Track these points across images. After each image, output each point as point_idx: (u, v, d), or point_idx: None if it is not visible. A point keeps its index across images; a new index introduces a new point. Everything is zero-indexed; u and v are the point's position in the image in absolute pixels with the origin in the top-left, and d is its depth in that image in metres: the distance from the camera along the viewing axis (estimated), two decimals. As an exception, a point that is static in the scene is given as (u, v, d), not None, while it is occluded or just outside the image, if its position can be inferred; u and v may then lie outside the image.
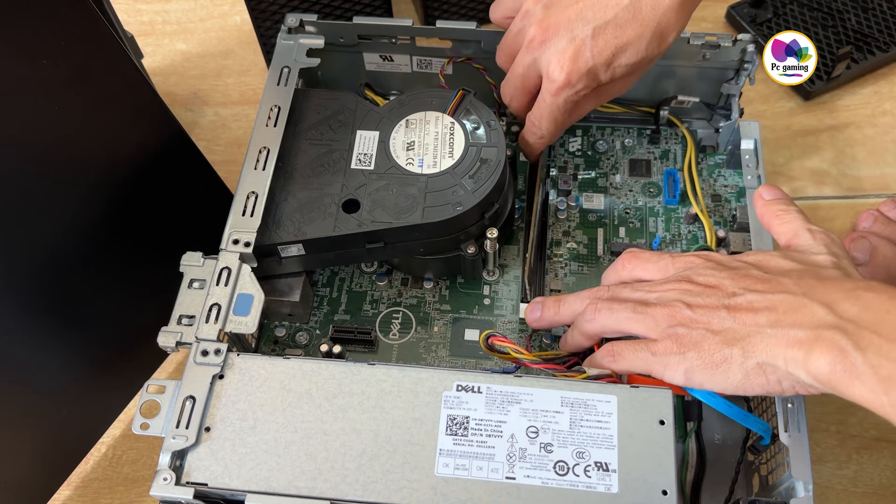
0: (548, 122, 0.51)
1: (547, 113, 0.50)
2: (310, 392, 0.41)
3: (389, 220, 0.48)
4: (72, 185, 0.45)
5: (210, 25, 0.77)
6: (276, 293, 0.50)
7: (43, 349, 0.46)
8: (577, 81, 0.47)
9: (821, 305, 0.36)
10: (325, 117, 0.53)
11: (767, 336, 0.37)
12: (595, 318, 0.43)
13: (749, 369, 0.37)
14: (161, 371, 0.56)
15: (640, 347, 0.41)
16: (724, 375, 0.38)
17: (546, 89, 0.49)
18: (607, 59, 0.47)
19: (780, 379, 0.37)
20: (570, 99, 0.49)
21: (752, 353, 0.37)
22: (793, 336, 0.36)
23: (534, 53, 0.49)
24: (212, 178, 0.56)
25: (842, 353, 0.34)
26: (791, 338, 0.36)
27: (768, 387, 0.37)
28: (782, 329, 0.36)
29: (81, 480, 0.54)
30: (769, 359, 0.36)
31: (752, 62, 0.55)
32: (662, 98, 0.59)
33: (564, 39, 0.47)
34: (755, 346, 0.37)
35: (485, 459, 0.39)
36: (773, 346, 0.36)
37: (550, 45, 0.47)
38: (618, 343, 0.42)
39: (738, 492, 0.45)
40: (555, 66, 0.47)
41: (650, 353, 0.41)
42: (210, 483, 0.39)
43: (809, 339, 0.35)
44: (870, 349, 0.33)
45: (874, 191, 0.65)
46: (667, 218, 0.57)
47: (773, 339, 0.36)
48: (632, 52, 0.47)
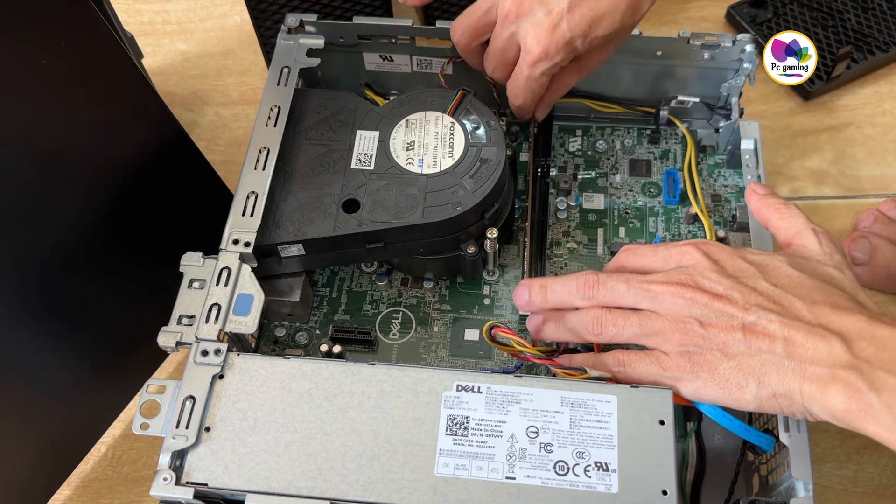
0: (524, 93, 0.52)
1: (523, 84, 0.51)
2: (310, 392, 0.41)
3: (389, 220, 0.48)
4: (72, 185, 0.45)
5: (210, 25, 0.77)
6: (276, 293, 0.50)
7: (43, 349, 0.46)
8: (554, 54, 0.48)
9: (838, 341, 0.36)
10: (325, 117, 0.53)
11: (784, 368, 0.37)
12: (602, 334, 0.42)
13: (763, 398, 0.38)
14: (161, 371, 0.56)
15: (652, 361, 0.41)
16: (737, 398, 0.38)
17: (523, 61, 0.50)
18: (584, 30, 0.47)
19: (793, 409, 0.37)
20: (547, 71, 0.49)
21: (768, 384, 0.37)
22: (810, 372, 0.36)
23: (510, 27, 0.49)
24: (212, 178, 0.56)
25: (857, 393, 0.34)
26: (808, 373, 0.36)
27: (780, 412, 0.38)
28: (799, 363, 0.37)
29: (81, 480, 0.54)
30: (784, 391, 0.37)
31: (752, 62, 0.55)
32: (662, 98, 0.59)
33: (541, 12, 0.47)
34: (770, 376, 0.37)
35: (485, 459, 0.39)
36: (789, 378, 0.37)
37: (527, 19, 0.48)
38: (628, 353, 0.42)
39: (738, 492, 0.45)
40: (532, 39, 0.48)
41: (661, 369, 0.40)
42: (210, 483, 0.39)
43: (826, 377, 0.35)
44: (885, 389, 0.34)
45: (874, 191, 0.65)
46: (667, 218, 0.57)
47: (789, 371, 0.37)
48: (608, 23, 0.47)
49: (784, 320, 0.38)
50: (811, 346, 0.36)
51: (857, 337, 0.36)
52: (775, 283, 0.40)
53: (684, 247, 0.43)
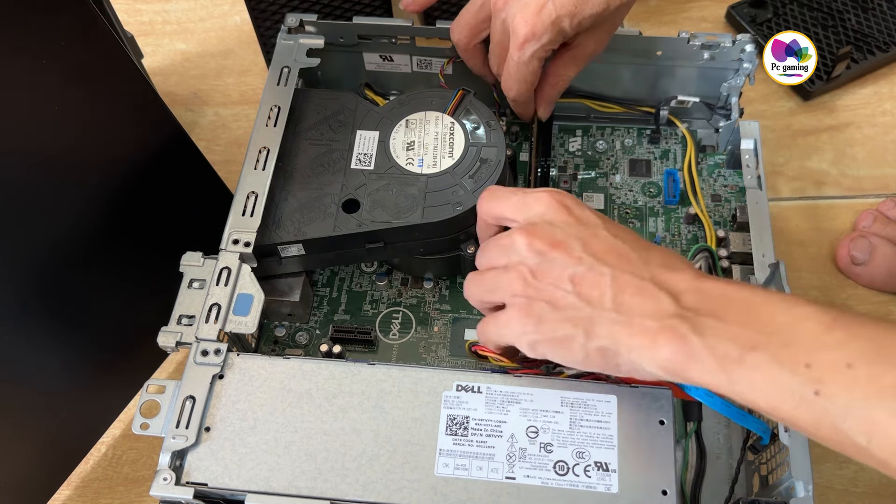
0: (516, 81, 0.51)
1: (514, 71, 0.50)
2: (310, 392, 0.41)
3: (389, 220, 0.48)
4: (71, 185, 0.45)
5: (210, 25, 0.77)
6: (276, 293, 0.50)
7: (43, 349, 0.46)
8: (542, 33, 0.47)
9: (667, 295, 0.36)
10: (325, 117, 0.53)
11: (612, 321, 0.36)
12: (469, 297, 0.43)
13: (590, 350, 0.37)
14: (161, 371, 0.56)
15: (491, 319, 0.41)
16: (567, 351, 0.38)
17: (512, 44, 0.49)
18: (570, 10, 0.47)
19: (618, 363, 0.37)
20: (536, 53, 0.49)
21: (595, 336, 0.36)
22: (638, 325, 0.35)
23: (501, 15, 0.49)
24: (212, 178, 0.56)
25: (682, 339, 0.34)
26: (637, 326, 0.35)
27: (606, 368, 0.37)
28: (628, 317, 0.36)
29: (81, 480, 0.54)
30: (611, 345, 0.36)
31: (752, 62, 0.55)
32: (662, 98, 0.59)
33: None
34: (598, 330, 0.36)
35: (485, 459, 0.39)
36: (616, 332, 0.36)
37: (515, 3, 0.48)
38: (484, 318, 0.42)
39: (738, 492, 0.45)
40: (519, 20, 0.48)
41: (499, 325, 0.40)
42: (210, 483, 0.39)
43: (654, 329, 0.35)
44: (707, 332, 0.33)
45: (874, 191, 0.65)
46: (667, 218, 0.57)
47: (617, 324, 0.36)
48: (594, 2, 0.47)
49: (615, 273, 0.37)
50: (640, 300, 0.36)
51: (685, 290, 0.36)
52: (615, 233, 0.39)
53: (538, 193, 0.42)
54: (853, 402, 0.30)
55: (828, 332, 0.32)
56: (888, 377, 0.29)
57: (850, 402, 0.30)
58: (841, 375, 0.30)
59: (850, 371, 0.30)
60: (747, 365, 0.32)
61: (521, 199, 0.42)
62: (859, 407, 0.30)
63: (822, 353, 0.31)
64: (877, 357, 0.30)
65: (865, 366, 0.30)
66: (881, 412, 0.29)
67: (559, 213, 0.40)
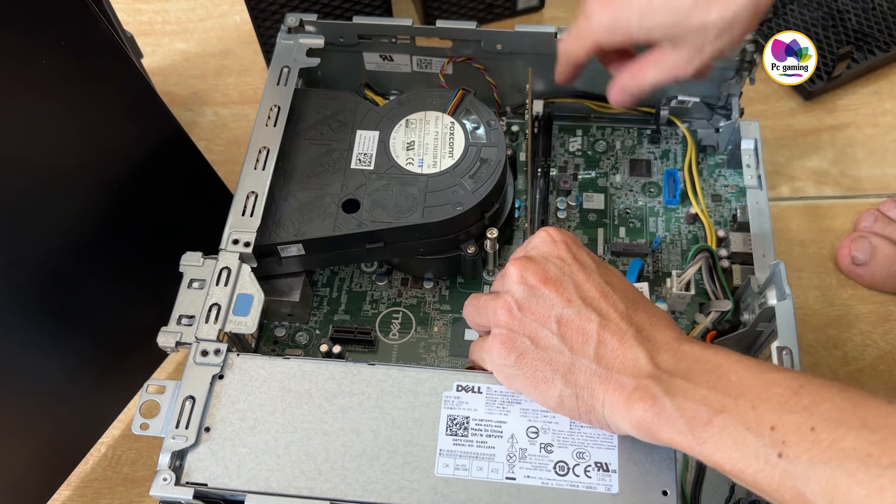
0: None
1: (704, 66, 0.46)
2: (310, 392, 0.41)
3: (389, 220, 0.48)
4: (71, 186, 0.45)
5: (210, 25, 0.77)
6: (276, 293, 0.50)
7: (42, 349, 0.46)
8: None
9: (644, 352, 0.36)
10: (325, 117, 0.53)
11: (591, 372, 0.36)
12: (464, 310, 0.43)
13: (566, 398, 0.37)
14: (161, 371, 0.56)
15: (478, 342, 0.41)
16: (542, 394, 0.38)
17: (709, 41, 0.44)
18: None
19: (592, 417, 0.37)
20: None
21: (573, 384, 0.37)
22: (615, 381, 0.36)
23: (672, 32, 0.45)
24: (212, 178, 0.56)
25: (654, 400, 0.34)
26: (613, 382, 0.36)
27: (576, 416, 0.38)
28: (607, 370, 0.36)
29: (81, 480, 0.54)
30: (588, 396, 0.37)
31: (753, 62, 0.55)
32: (663, 98, 0.59)
33: None
34: (577, 378, 0.37)
35: (485, 460, 0.39)
36: (594, 385, 0.36)
37: None
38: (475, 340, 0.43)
39: (739, 492, 0.45)
40: None
41: (483, 351, 0.41)
42: (210, 483, 0.39)
43: (630, 387, 0.35)
44: (678, 394, 0.34)
45: (874, 191, 0.65)
46: (667, 218, 0.57)
47: (595, 377, 0.36)
48: None
49: (602, 322, 0.37)
50: (620, 354, 0.36)
51: (663, 350, 0.36)
52: (608, 279, 0.39)
53: (540, 230, 0.42)
54: (814, 465, 0.30)
55: (795, 397, 0.32)
56: (848, 440, 0.29)
57: (812, 465, 0.30)
58: (804, 438, 0.30)
59: (812, 434, 0.30)
60: (715, 426, 0.33)
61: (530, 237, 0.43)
62: (820, 469, 0.30)
63: (788, 416, 0.31)
64: (840, 421, 0.30)
65: (828, 429, 0.30)
66: (841, 474, 0.29)
67: (557, 248, 0.40)
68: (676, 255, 0.55)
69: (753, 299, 0.48)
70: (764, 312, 0.46)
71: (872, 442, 0.29)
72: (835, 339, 0.58)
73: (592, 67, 0.57)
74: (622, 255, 0.55)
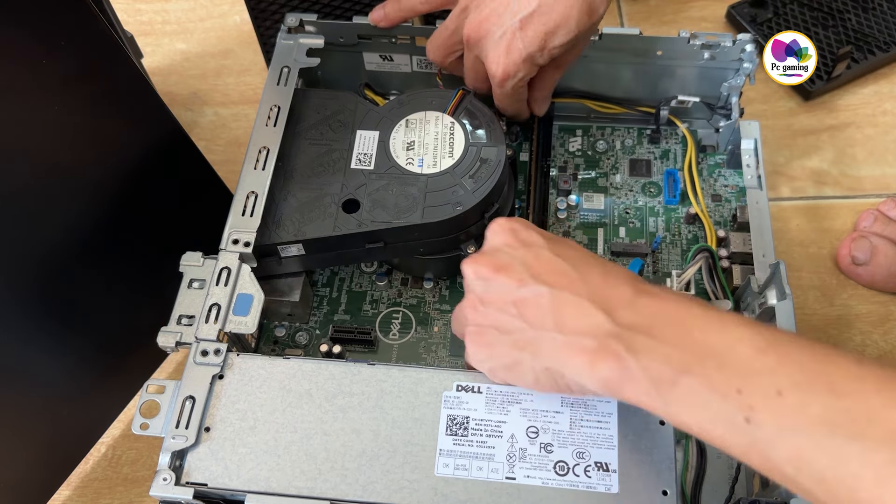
0: (508, 105, 0.53)
1: (503, 99, 0.53)
2: (310, 392, 0.41)
3: (389, 220, 0.48)
4: (71, 185, 0.45)
5: (210, 25, 0.77)
6: (275, 293, 0.50)
7: (42, 349, 0.46)
8: (515, 71, 0.49)
9: (603, 313, 0.36)
10: (325, 117, 0.53)
11: (554, 341, 0.36)
12: None
13: (539, 373, 0.38)
14: (161, 371, 0.56)
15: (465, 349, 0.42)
16: (519, 376, 0.39)
17: (492, 82, 0.51)
18: (540, 44, 0.48)
19: (567, 384, 0.37)
20: (516, 85, 0.50)
21: (540, 357, 0.37)
22: (577, 344, 0.36)
23: (474, 51, 0.51)
24: (212, 178, 0.56)
25: (618, 359, 0.34)
26: (576, 346, 0.36)
27: (559, 389, 0.38)
28: (568, 336, 0.36)
29: (81, 480, 0.54)
30: (556, 365, 0.37)
31: (753, 62, 0.55)
32: (662, 98, 0.59)
33: (497, 34, 0.48)
34: (542, 350, 0.37)
35: (485, 459, 0.39)
36: (559, 352, 0.36)
37: (486, 41, 0.49)
38: None
39: (738, 492, 0.45)
40: (491, 62, 0.49)
41: (466, 355, 0.41)
42: (210, 483, 0.39)
43: (593, 347, 0.35)
44: (641, 352, 0.34)
45: (874, 191, 0.65)
46: (667, 218, 0.57)
47: (558, 345, 0.36)
48: (563, 33, 0.47)
49: (554, 292, 0.37)
50: (578, 318, 0.36)
51: (620, 306, 0.36)
52: (557, 252, 0.39)
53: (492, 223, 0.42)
54: (781, 432, 0.29)
55: (761, 357, 0.31)
56: (815, 406, 0.29)
57: (779, 432, 0.30)
58: (771, 403, 0.30)
59: (779, 399, 0.30)
60: (680, 388, 0.32)
61: None
62: (787, 437, 0.29)
63: (754, 379, 0.31)
64: (806, 385, 0.30)
65: (795, 394, 0.30)
66: (807, 443, 0.29)
67: (505, 237, 0.41)
68: (676, 255, 0.55)
69: (753, 299, 0.48)
70: (764, 312, 0.46)
71: (839, 409, 0.29)
72: (835, 339, 0.58)
73: (592, 68, 0.58)
74: (622, 255, 0.55)
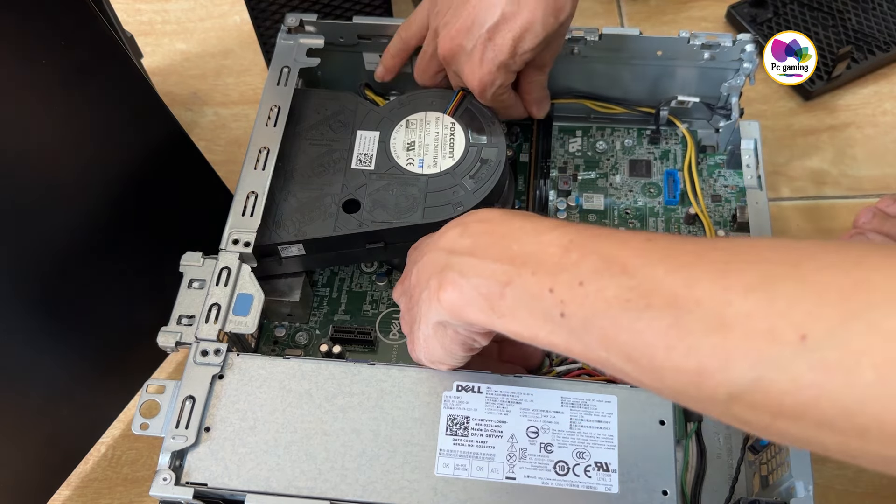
0: (498, 112, 0.53)
1: (492, 105, 0.53)
2: (310, 392, 0.41)
3: (390, 220, 0.48)
4: (71, 186, 0.45)
5: (210, 25, 0.77)
6: (276, 293, 0.50)
7: (42, 349, 0.46)
8: (492, 80, 0.50)
9: (441, 250, 0.37)
10: (326, 117, 0.53)
11: (423, 299, 0.38)
12: None
13: (433, 335, 0.39)
14: (161, 371, 0.56)
15: None
16: (427, 349, 0.40)
17: (475, 94, 0.52)
18: (510, 51, 0.48)
19: (453, 332, 0.38)
20: (496, 93, 0.51)
21: (424, 319, 0.38)
22: (427, 285, 0.37)
23: (452, 67, 0.52)
24: (212, 178, 0.56)
25: (453, 283, 0.35)
26: (427, 287, 0.37)
27: (456, 339, 0.38)
28: (423, 288, 0.38)
29: (81, 480, 0.54)
30: (432, 316, 0.38)
31: (753, 62, 0.55)
32: (662, 98, 0.59)
33: (468, 48, 0.49)
34: (422, 313, 0.38)
35: (485, 459, 0.39)
36: (425, 305, 0.38)
37: (459, 56, 0.50)
38: None
39: (738, 492, 0.45)
40: (467, 75, 0.50)
41: None
42: (210, 483, 0.39)
43: (437, 283, 0.36)
44: (470, 272, 0.35)
45: (874, 191, 0.65)
46: (667, 218, 0.57)
47: (424, 297, 0.38)
48: (531, 38, 0.48)
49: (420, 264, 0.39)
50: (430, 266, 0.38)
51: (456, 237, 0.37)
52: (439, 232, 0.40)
53: None
54: (588, 319, 0.31)
55: (566, 254, 0.33)
56: (610, 289, 0.30)
57: (586, 319, 0.31)
58: (576, 294, 0.31)
59: (581, 289, 0.31)
60: (507, 298, 0.34)
61: None
62: (592, 322, 0.31)
63: (561, 275, 0.32)
64: (603, 271, 0.31)
65: (593, 281, 0.31)
66: (608, 324, 0.30)
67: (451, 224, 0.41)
68: (676, 255, 0.55)
69: (753, 299, 0.48)
70: (764, 312, 0.46)
71: (630, 287, 0.30)
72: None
73: (592, 68, 0.58)
74: (622, 255, 0.55)
